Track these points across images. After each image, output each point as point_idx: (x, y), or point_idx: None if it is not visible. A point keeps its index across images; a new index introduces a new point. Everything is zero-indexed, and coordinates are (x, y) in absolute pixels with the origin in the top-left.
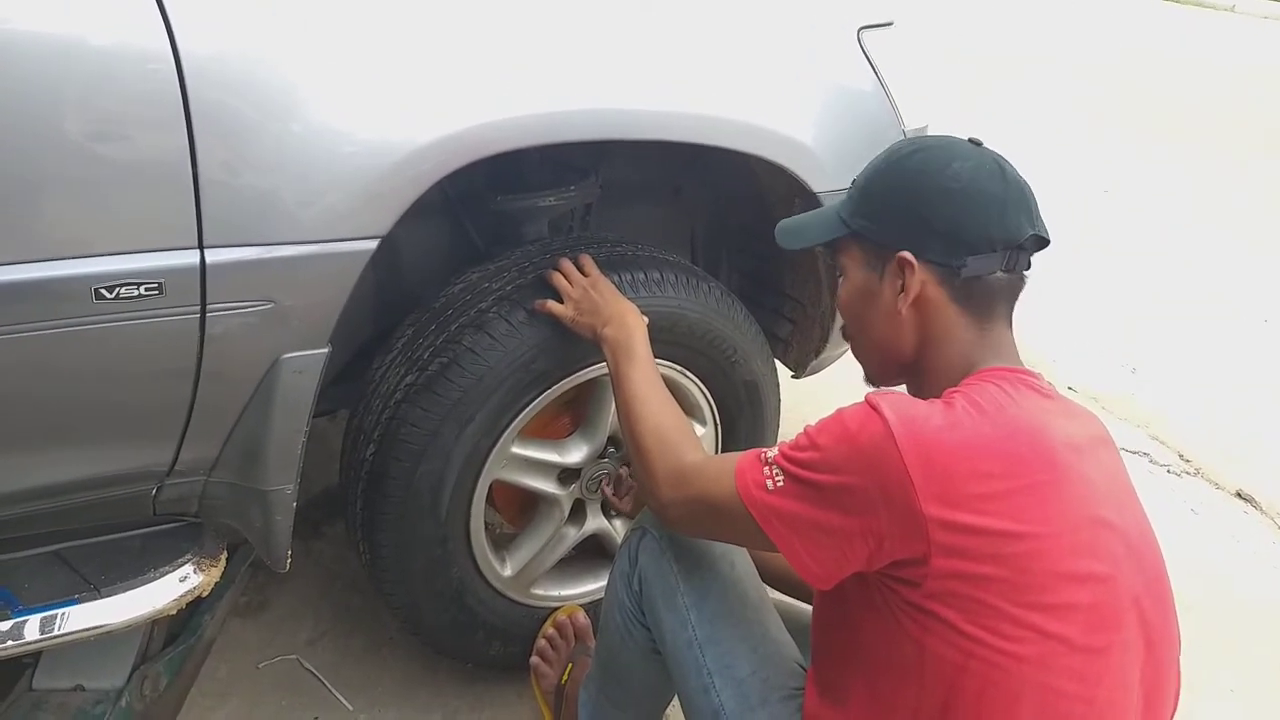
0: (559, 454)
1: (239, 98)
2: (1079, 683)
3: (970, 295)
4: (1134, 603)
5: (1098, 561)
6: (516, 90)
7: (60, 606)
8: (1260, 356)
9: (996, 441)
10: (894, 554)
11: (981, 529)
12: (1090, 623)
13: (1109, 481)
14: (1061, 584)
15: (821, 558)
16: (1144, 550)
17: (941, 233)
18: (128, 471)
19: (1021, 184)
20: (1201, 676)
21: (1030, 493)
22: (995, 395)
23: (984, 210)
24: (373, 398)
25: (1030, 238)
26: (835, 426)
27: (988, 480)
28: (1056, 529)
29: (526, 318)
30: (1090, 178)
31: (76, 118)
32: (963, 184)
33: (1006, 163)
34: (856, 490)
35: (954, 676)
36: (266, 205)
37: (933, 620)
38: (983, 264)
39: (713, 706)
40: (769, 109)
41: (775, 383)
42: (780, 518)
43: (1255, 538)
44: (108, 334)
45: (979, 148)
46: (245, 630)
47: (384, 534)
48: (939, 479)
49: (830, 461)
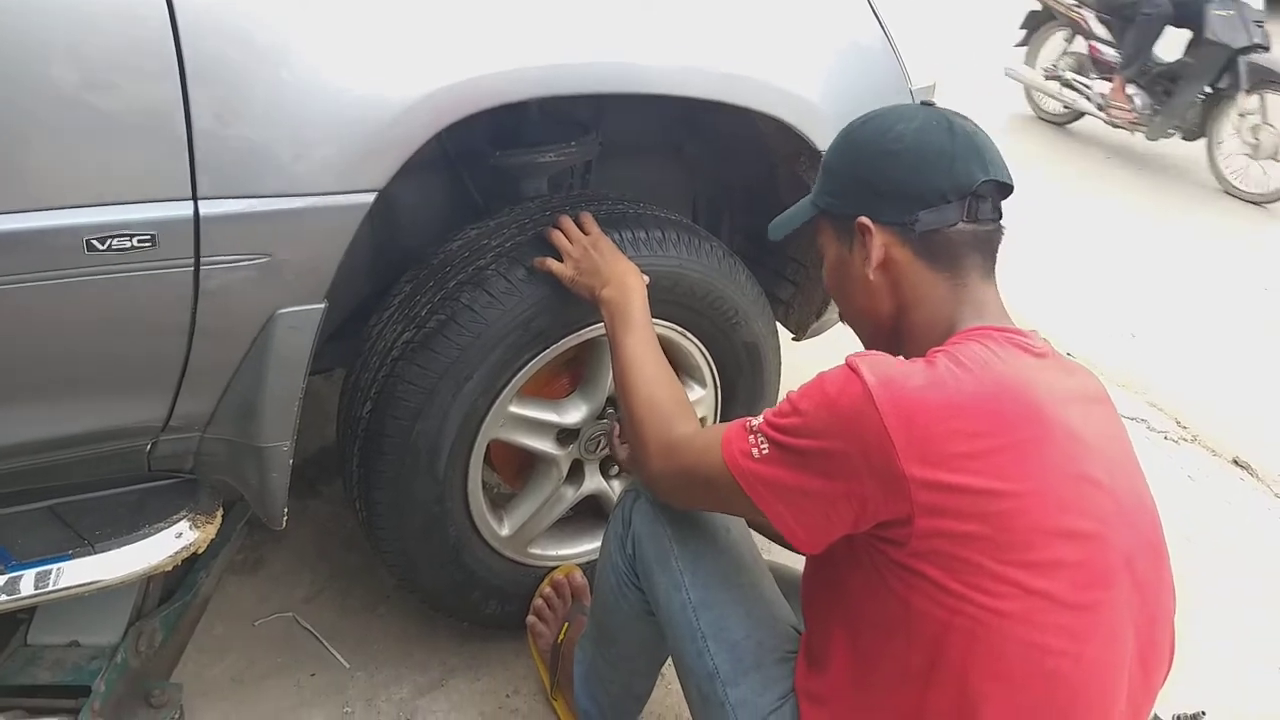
0: (557, 414)
1: (233, 46)
2: (1067, 639)
3: (934, 250)
4: (1126, 562)
5: (1085, 519)
6: (516, 41)
7: (55, 562)
8: (1259, 324)
9: (979, 400)
10: (878, 515)
11: (964, 488)
12: (1078, 580)
13: (1102, 440)
14: (1047, 541)
15: (808, 523)
16: (1138, 510)
17: (890, 193)
18: (122, 426)
19: (972, 134)
20: (1199, 644)
21: (1013, 450)
22: (979, 353)
23: (931, 165)
24: (370, 355)
25: (986, 184)
26: (816, 391)
27: (970, 439)
28: (1040, 486)
29: (526, 275)
30: (1100, 140)
31: (67, 65)
32: (905, 143)
33: (958, 117)
34: (838, 454)
35: (940, 633)
36: (262, 156)
37: (918, 579)
38: (937, 216)
39: (707, 669)
40: (774, 64)
41: (776, 345)
42: (766, 485)
43: (1252, 504)
44: (100, 286)
45: (928, 108)
46: (241, 587)
47: (381, 493)
48: (920, 439)
49: (812, 427)
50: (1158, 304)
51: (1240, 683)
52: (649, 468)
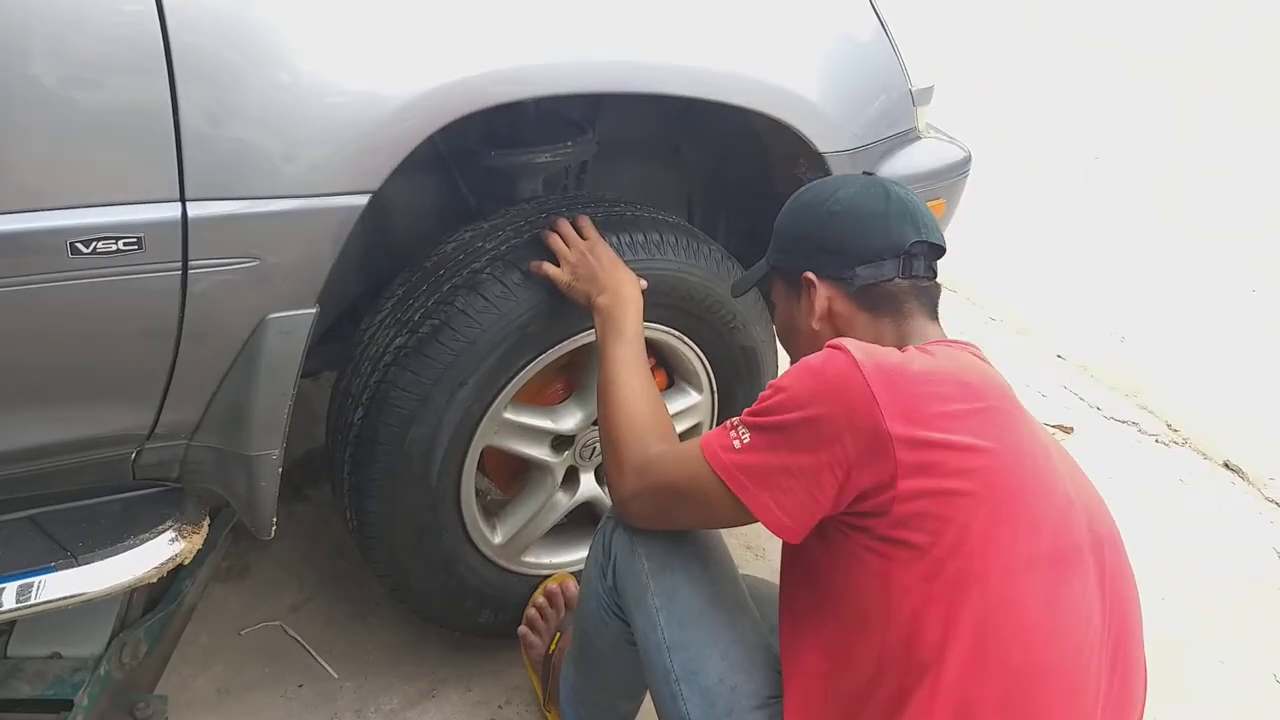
0: (552, 420)
1: (223, 43)
2: (1042, 612)
3: (875, 302)
4: (1092, 544)
5: (1055, 495)
6: (511, 40)
7: (36, 574)
8: (1248, 326)
9: (953, 372)
10: (861, 483)
11: (945, 444)
12: (1054, 550)
13: (1044, 437)
14: (1026, 500)
15: (790, 505)
16: (1093, 502)
17: (831, 250)
18: (106, 434)
19: (906, 200)
20: (1189, 647)
21: (986, 414)
22: (937, 350)
23: (866, 225)
24: (361, 360)
25: (917, 244)
26: (799, 369)
27: (946, 401)
28: (1015, 447)
29: (522, 279)
30: (1083, 142)
31: (51, 62)
32: (844, 206)
33: (895, 185)
34: (823, 420)
35: (921, 605)
36: (252, 157)
37: (899, 548)
38: (873, 272)
39: (679, 713)
40: (772, 63)
41: (773, 348)
42: (748, 473)
43: (1243, 508)
44: (84, 290)
45: (869, 177)
46: (227, 596)
47: (372, 501)
48: (903, 398)
49: (796, 398)
50: (1147, 306)
51: (1234, 690)
52: (622, 488)
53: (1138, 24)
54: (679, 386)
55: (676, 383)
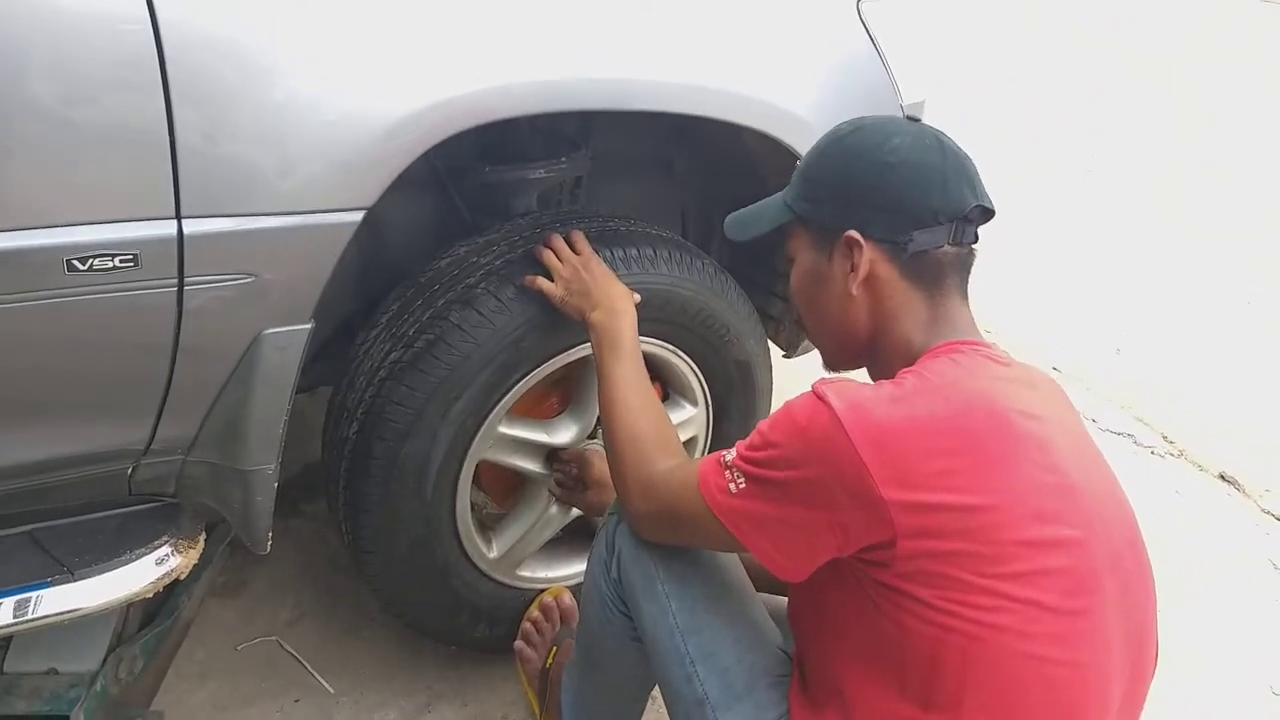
0: (547, 434)
1: (219, 61)
2: (1061, 647)
3: (920, 271)
4: (1112, 563)
5: (1066, 526)
6: (505, 58)
7: (33, 590)
8: (1244, 339)
9: (949, 417)
10: (862, 541)
11: (943, 505)
12: (1066, 587)
13: (1072, 445)
14: (1030, 551)
15: (792, 552)
16: (1115, 509)
17: (884, 208)
18: (102, 450)
19: (961, 156)
20: (1185, 659)
21: (989, 464)
22: (947, 370)
23: (925, 183)
24: (356, 375)
25: (974, 209)
26: (785, 422)
27: (943, 456)
28: (1019, 498)
29: (516, 294)
30: (1082, 142)
31: (48, 81)
32: (901, 157)
33: (945, 136)
34: (815, 483)
35: (934, 651)
36: (247, 174)
37: (906, 599)
38: (929, 238)
39: (696, 695)
40: (764, 80)
41: (768, 363)
42: (747, 519)
43: (1239, 519)
44: (81, 307)
45: (917, 123)
46: (224, 611)
47: (367, 515)
48: (894, 462)
49: (786, 458)
50: (1143, 318)
51: (1230, 703)
52: (630, 507)
53: (1138, 24)
54: (674, 400)
55: (672, 396)
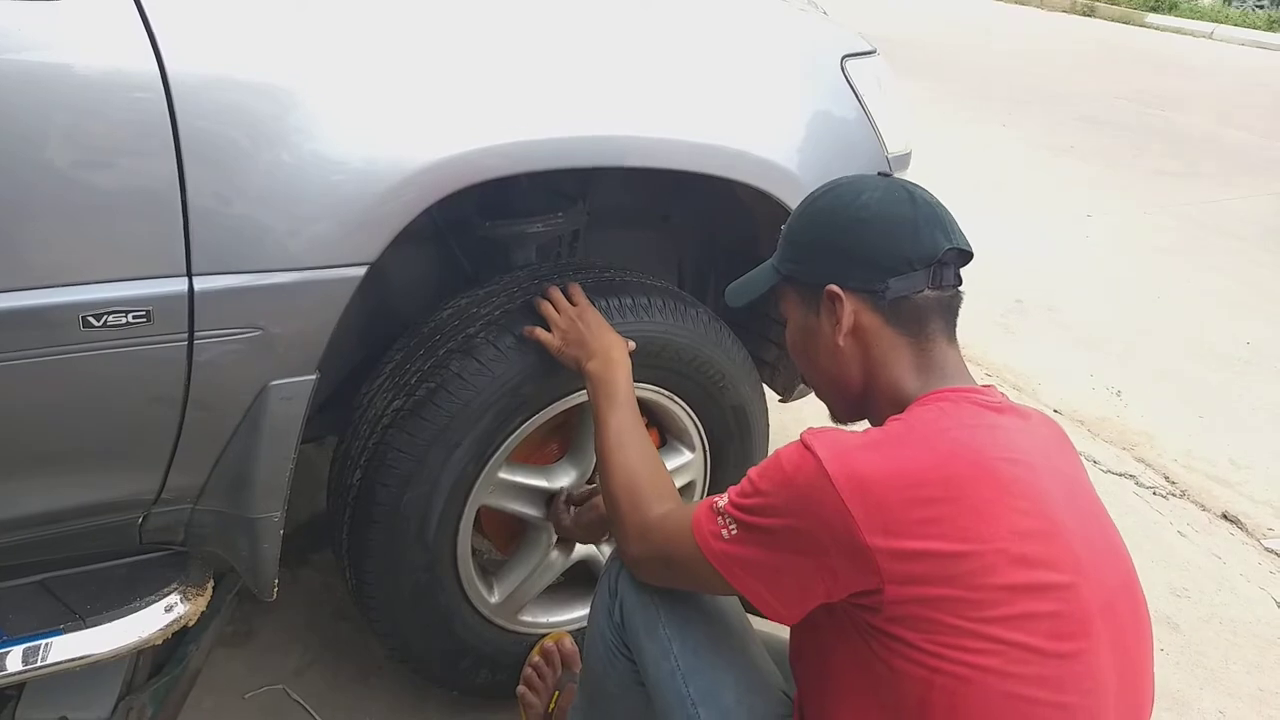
0: (547, 479)
1: (229, 126)
2: (1050, 690)
3: (903, 317)
4: (1104, 608)
5: (1054, 571)
6: (504, 118)
7: (45, 637)
8: (1244, 379)
9: (933, 466)
10: (850, 587)
11: (928, 553)
12: (1055, 630)
13: (1063, 490)
14: (1016, 596)
15: (784, 597)
16: (1109, 554)
17: (859, 259)
18: (114, 500)
19: (932, 204)
20: (1188, 698)
21: (972, 511)
22: (935, 418)
23: (897, 232)
24: (360, 423)
25: (949, 251)
26: (774, 470)
27: (927, 505)
28: (1002, 544)
29: (514, 343)
30: (1073, 203)
31: (67, 145)
32: (872, 211)
33: (916, 187)
34: (803, 531)
35: (924, 693)
36: (256, 233)
37: (896, 642)
38: (905, 284)
39: None
40: (755, 136)
41: (764, 407)
42: (740, 564)
43: (1242, 559)
44: (95, 362)
45: (888, 179)
46: (231, 660)
47: (370, 560)
48: (879, 511)
49: (774, 506)
50: (1142, 359)
51: None
52: (627, 551)
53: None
54: (671, 445)
55: (669, 441)
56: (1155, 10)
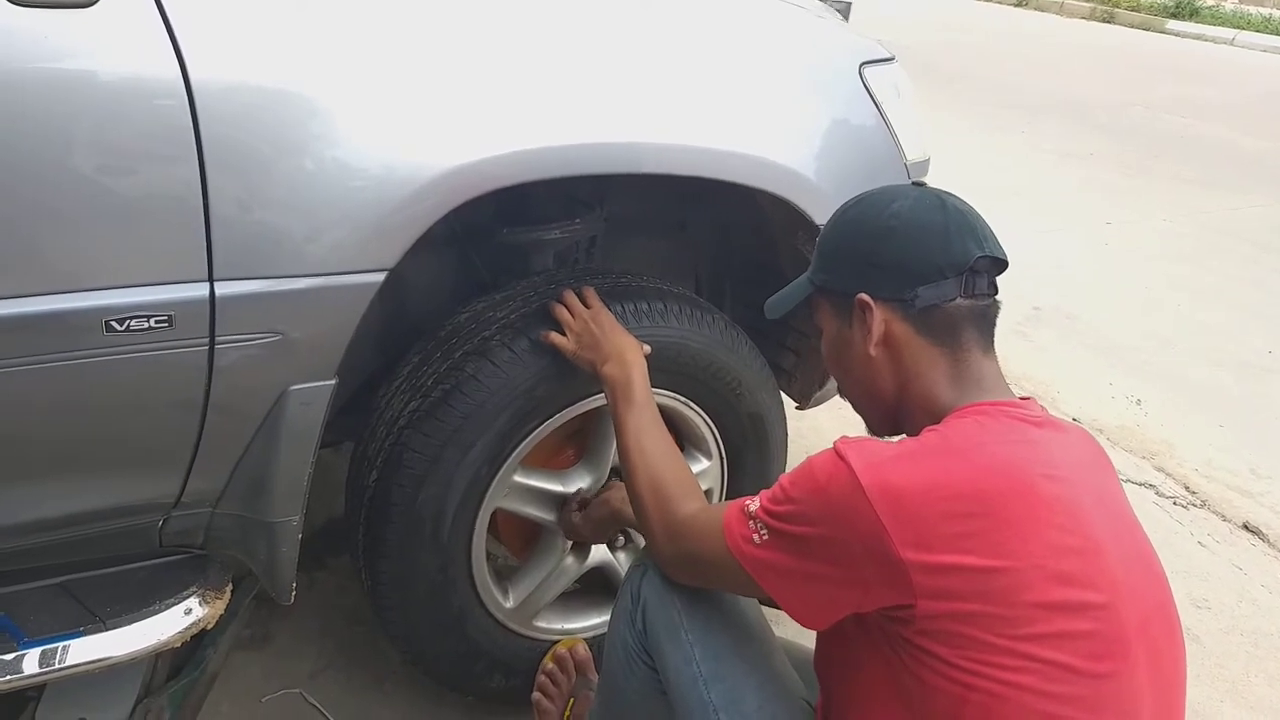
0: (562, 484)
1: (251, 133)
2: (1086, 710)
3: (935, 326)
4: (1140, 628)
5: (1090, 590)
6: (523, 125)
7: (65, 639)
8: (1266, 388)
9: (969, 479)
10: (882, 599)
11: (962, 567)
12: (1092, 650)
13: (1101, 508)
14: (1051, 614)
15: (814, 604)
16: (1145, 574)
17: (889, 268)
18: (135, 503)
19: (964, 211)
20: (1209, 711)
21: (1007, 527)
22: (972, 431)
23: (927, 241)
24: (377, 424)
25: (981, 259)
26: (806, 478)
27: (963, 519)
28: (1039, 561)
29: (530, 345)
30: (1092, 210)
31: (91, 152)
32: (902, 220)
33: (949, 195)
34: (836, 541)
35: (956, 709)
36: (277, 239)
37: (928, 656)
38: (936, 292)
39: None
40: (772, 143)
41: (781, 414)
42: (771, 569)
43: (1263, 570)
44: (117, 366)
45: (921, 187)
46: (248, 663)
47: (385, 561)
48: (912, 523)
49: (806, 514)
50: (1162, 368)
51: None
52: (657, 551)
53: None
54: (688, 452)
55: (686, 448)
56: (1176, 16)
